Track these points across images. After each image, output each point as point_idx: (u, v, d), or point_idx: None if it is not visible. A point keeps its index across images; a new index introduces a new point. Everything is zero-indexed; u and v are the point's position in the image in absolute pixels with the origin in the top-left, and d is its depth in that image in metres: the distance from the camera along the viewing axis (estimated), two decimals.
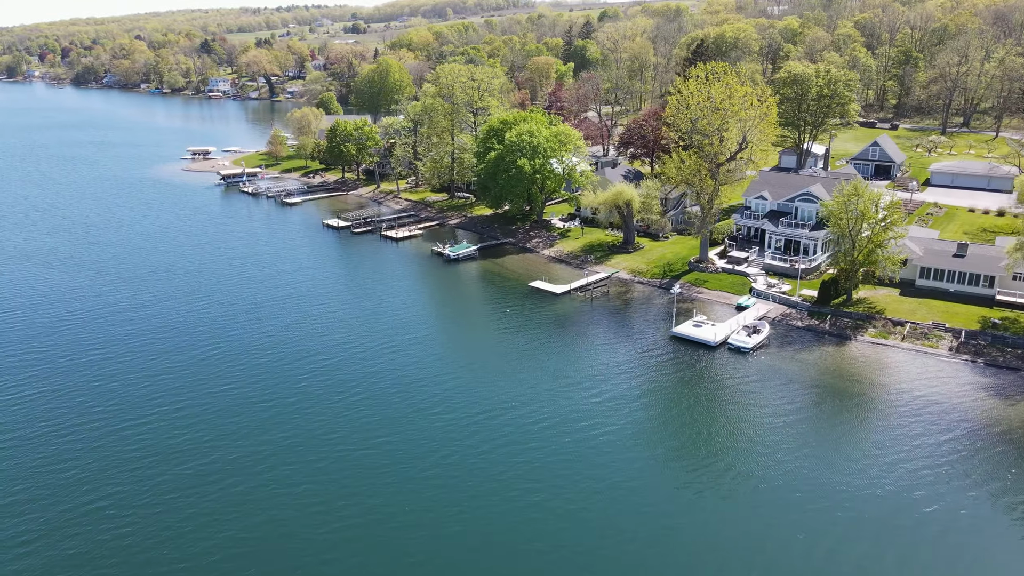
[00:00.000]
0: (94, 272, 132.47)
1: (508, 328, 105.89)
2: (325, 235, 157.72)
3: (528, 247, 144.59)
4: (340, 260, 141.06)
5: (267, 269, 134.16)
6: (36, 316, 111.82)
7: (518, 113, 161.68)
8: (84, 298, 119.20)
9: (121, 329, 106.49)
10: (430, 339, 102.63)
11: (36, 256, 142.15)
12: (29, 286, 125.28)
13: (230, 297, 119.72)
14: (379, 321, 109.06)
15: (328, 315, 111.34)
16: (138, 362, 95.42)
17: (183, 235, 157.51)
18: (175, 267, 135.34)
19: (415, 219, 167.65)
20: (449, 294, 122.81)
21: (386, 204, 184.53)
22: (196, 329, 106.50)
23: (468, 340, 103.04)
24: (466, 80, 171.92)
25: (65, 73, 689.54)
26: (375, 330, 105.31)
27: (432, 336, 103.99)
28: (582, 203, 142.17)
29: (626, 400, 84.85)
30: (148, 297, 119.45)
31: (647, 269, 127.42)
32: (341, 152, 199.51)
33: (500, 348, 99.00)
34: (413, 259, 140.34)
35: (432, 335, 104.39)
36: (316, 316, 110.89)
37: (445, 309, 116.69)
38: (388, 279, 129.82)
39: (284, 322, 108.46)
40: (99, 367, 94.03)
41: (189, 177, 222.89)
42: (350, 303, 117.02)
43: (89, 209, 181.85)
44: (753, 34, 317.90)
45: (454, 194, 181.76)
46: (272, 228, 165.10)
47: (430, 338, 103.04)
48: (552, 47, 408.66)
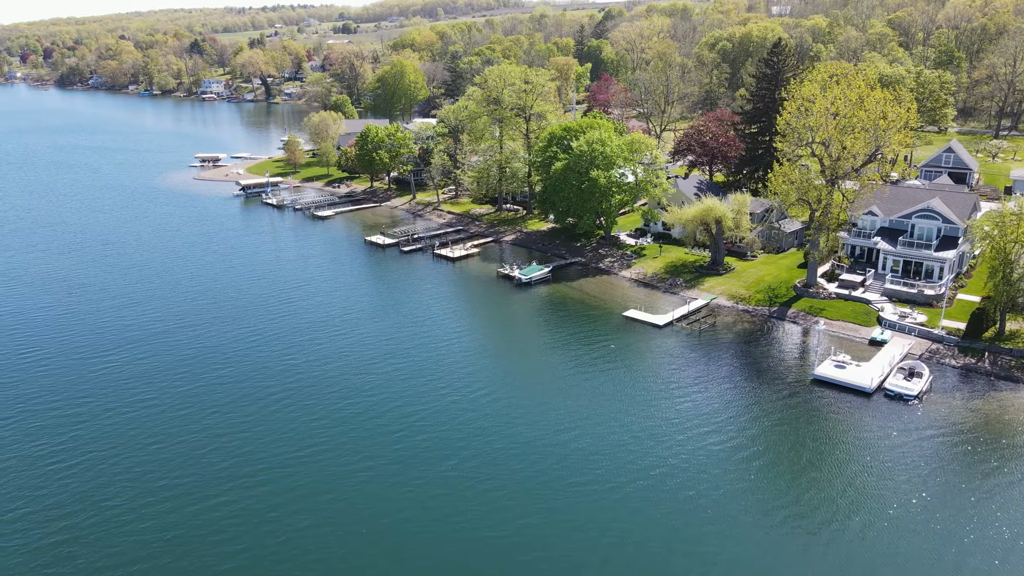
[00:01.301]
0: (122, 300, 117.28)
1: (611, 367, 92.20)
2: (369, 254, 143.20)
3: (603, 268, 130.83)
4: (395, 283, 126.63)
5: (314, 293, 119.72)
6: (64, 351, 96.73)
7: (583, 119, 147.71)
8: (117, 333, 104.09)
9: (165, 365, 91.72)
10: (518, 381, 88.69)
11: (53, 282, 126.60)
12: (52, 319, 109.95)
13: (278, 326, 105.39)
14: (453, 355, 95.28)
15: (391, 349, 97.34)
16: (192, 403, 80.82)
17: (212, 254, 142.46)
18: (213, 293, 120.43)
19: (466, 235, 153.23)
20: (531, 325, 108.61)
21: (426, 217, 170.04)
22: (249, 363, 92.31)
23: (567, 383, 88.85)
24: (519, 83, 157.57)
25: (48, 74, 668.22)
26: (449, 367, 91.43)
27: (520, 377, 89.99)
28: (668, 219, 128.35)
29: (776, 463, 71.29)
30: (188, 329, 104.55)
31: (748, 294, 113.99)
32: (373, 160, 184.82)
33: (607, 392, 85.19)
34: (477, 283, 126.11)
35: (520, 376, 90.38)
36: (377, 350, 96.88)
37: (529, 343, 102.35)
38: (456, 307, 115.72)
39: (343, 356, 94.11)
40: (148, 413, 79.34)
41: (203, 187, 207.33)
42: (415, 334, 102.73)
43: (102, 224, 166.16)
44: (781, 33, 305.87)
45: (502, 206, 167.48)
46: (308, 246, 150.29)
47: (518, 380, 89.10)
48: (562, 47, 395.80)
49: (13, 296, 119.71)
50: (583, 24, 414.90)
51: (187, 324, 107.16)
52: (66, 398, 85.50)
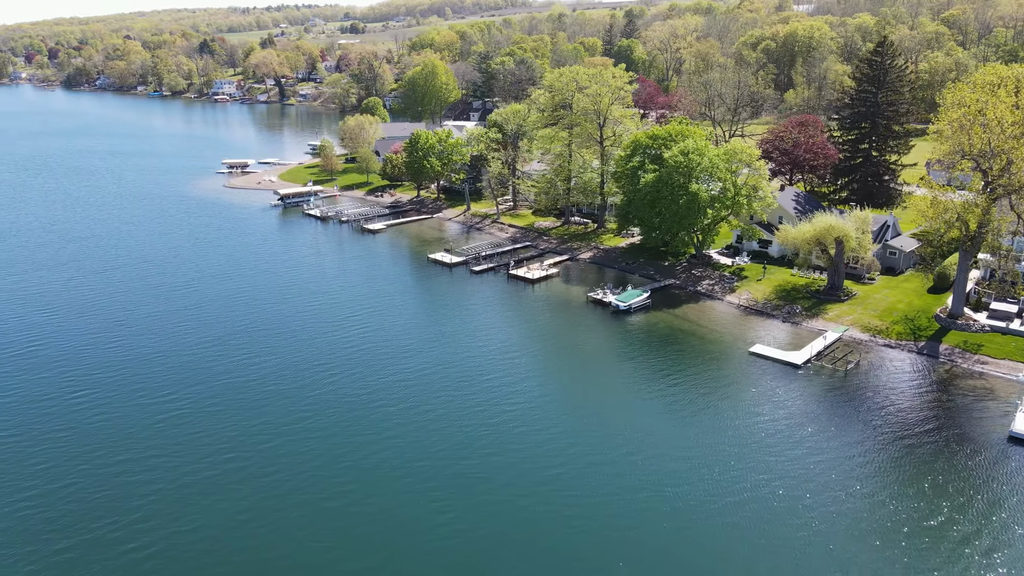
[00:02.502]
0: (175, 329, 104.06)
1: (757, 422, 79.18)
2: (436, 274, 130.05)
3: (702, 291, 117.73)
4: (473, 310, 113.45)
5: (386, 321, 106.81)
6: (122, 389, 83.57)
7: (672, 126, 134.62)
8: (177, 369, 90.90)
9: (241, 408, 78.62)
10: (643, 440, 75.58)
11: (96, 308, 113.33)
12: (100, 350, 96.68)
13: (353, 360, 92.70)
14: (555, 402, 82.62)
15: (485, 393, 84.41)
16: (276, 461, 67.78)
17: (262, 273, 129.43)
18: (274, 320, 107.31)
19: (536, 252, 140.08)
20: (641, 364, 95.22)
21: (486, 231, 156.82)
22: (337, 405, 79.23)
23: (709, 446, 75.80)
24: (593, 86, 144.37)
25: (54, 75, 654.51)
26: (555, 416, 78.41)
27: (644, 434, 76.90)
28: (780, 239, 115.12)
29: (997, 546, 58.37)
30: (260, 366, 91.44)
31: (884, 325, 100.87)
32: (423, 168, 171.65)
33: (763, 458, 72.07)
34: (566, 310, 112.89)
35: (644, 433, 77.27)
36: (470, 391, 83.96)
37: (645, 388, 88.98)
38: (548, 340, 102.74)
39: (433, 396, 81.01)
40: (228, 469, 66.24)
41: (236, 196, 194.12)
42: (508, 375, 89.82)
43: (135, 238, 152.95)
44: (829, 32, 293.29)
45: (569, 219, 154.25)
46: (367, 264, 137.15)
47: (642, 439, 75.99)
48: (589, 47, 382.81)
49: (53, 323, 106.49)
50: (611, 24, 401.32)
51: (256, 358, 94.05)
52: (133, 451, 72.38)
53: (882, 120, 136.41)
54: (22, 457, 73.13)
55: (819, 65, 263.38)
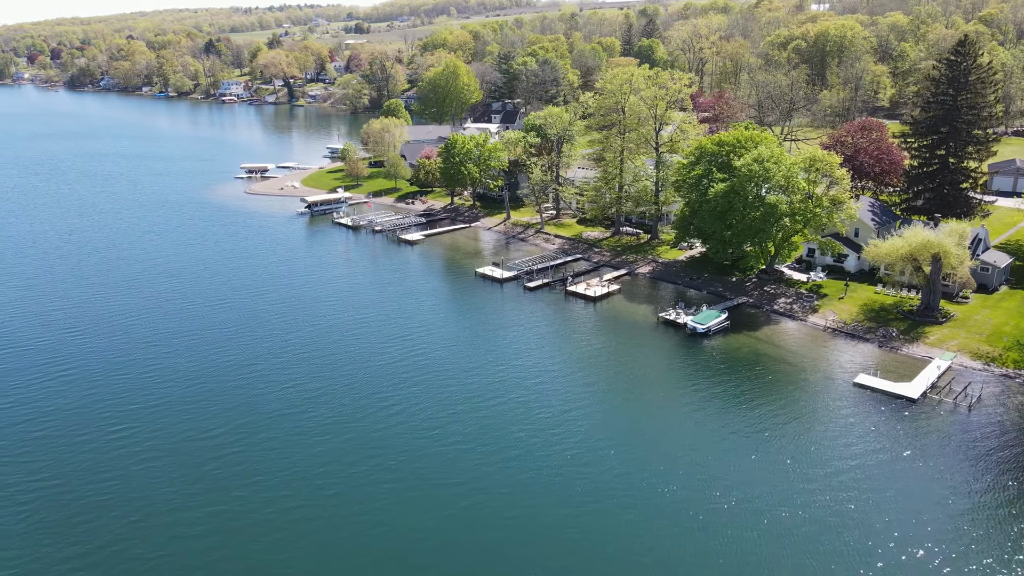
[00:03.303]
0: (217, 352, 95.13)
1: (885, 466, 70.30)
2: (486, 290, 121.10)
3: (781, 311, 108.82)
4: (536, 332, 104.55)
5: (440, 343, 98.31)
6: (166, 428, 74.77)
7: (740, 131, 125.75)
8: (223, 400, 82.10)
9: (301, 443, 69.85)
10: (754, 481, 66.66)
11: (126, 328, 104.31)
12: (138, 382, 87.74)
13: (410, 386, 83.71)
14: (652, 442, 73.61)
15: (562, 422, 75.49)
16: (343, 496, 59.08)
17: (299, 287, 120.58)
18: (321, 340, 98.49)
19: (591, 266, 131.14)
20: (731, 396, 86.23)
21: (531, 242, 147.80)
22: (398, 437, 70.09)
23: (835, 491, 67.11)
24: (650, 89, 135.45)
25: (58, 75, 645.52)
26: (653, 457, 69.38)
27: (754, 476, 67.98)
28: (869, 255, 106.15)
29: None
30: (314, 392, 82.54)
31: (996, 352, 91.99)
32: (461, 174, 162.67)
33: (900, 518, 63.14)
34: (636, 332, 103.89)
35: (752, 472, 68.38)
36: (550, 424, 75.07)
37: (742, 424, 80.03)
38: (624, 366, 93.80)
39: (505, 431, 72.14)
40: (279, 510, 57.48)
41: (259, 203, 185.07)
42: (585, 407, 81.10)
43: (158, 249, 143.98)
44: (861, 32, 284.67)
45: (619, 230, 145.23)
46: (410, 279, 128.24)
47: (753, 480, 67.06)
48: (607, 47, 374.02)
49: (81, 345, 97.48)
50: (629, 23, 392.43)
51: (308, 384, 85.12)
52: (186, 506, 63.45)
53: (962, 124, 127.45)
54: (65, 503, 64.23)
55: (855, 65, 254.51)
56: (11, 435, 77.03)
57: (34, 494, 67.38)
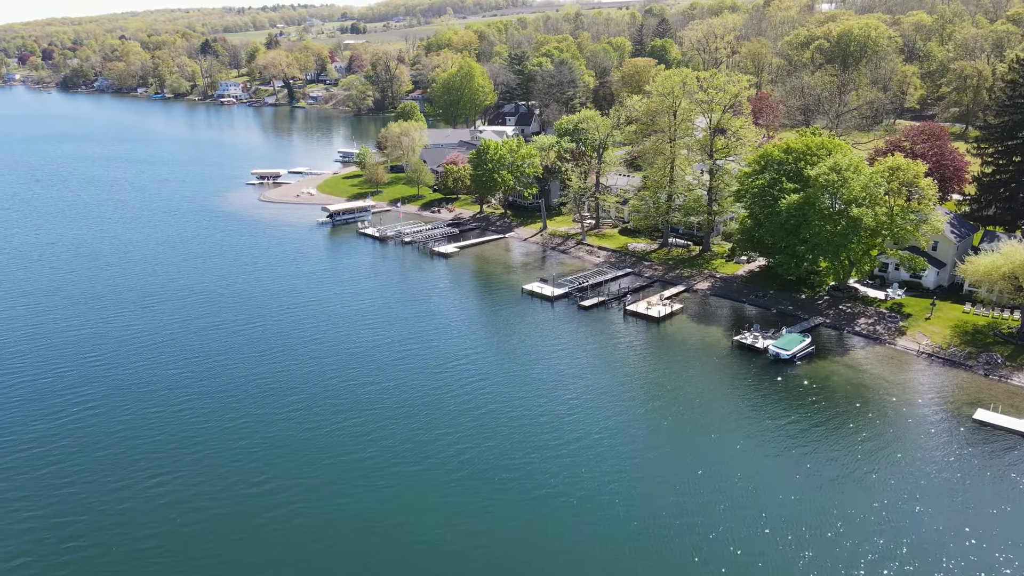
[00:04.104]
0: (256, 385, 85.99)
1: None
2: (535, 309, 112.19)
3: (863, 332, 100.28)
4: (598, 357, 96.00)
5: (494, 372, 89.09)
6: (206, 471, 65.63)
7: (810, 138, 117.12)
8: (270, 442, 73.03)
9: (359, 486, 60.86)
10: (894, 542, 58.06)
11: (150, 355, 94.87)
12: (173, 417, 78.52)
13: (471, 418, 74.90)
14: (748, 488, 64.64)
15: (639, 464, 67.04)
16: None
17: (332, 306, 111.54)
18: (368, 367, 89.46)
19: (644, 281, 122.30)
20: (838, 434, 77.67)
21: (573, 255, 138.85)
22: (461, 483, 61.16)
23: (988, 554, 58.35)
24: (703, 93, 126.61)
25: (50, 76, 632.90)
26: (748, 505, 60.60)
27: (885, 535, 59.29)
28: (967, 274, 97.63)
29: None
30: (368, 424, 73.50)
31: None
32: (494, 182, 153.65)
33: None
34: (711, 358, 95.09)
35: (872, 528, 59.68)
36: (620, 459, 66.51)
37: (855, 467, 71.58)
38: (707, 401, 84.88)
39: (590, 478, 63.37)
40: None
41: (275, 211, 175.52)
42: (664, 447, 72.21)
43: (176, 263, 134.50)
44: (886, 32, 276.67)
45: (667, 242, 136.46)
46: (452, 297, 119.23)
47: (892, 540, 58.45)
48: (617, 47, 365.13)
49: (104, 375, 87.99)
50: (641, 23, 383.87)
51: (362, 416, 76.06)
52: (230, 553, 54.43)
53: None
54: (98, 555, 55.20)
55: (883, 65, 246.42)
56: (36, 484, 67.69)
57: (66, 556, 58.23)
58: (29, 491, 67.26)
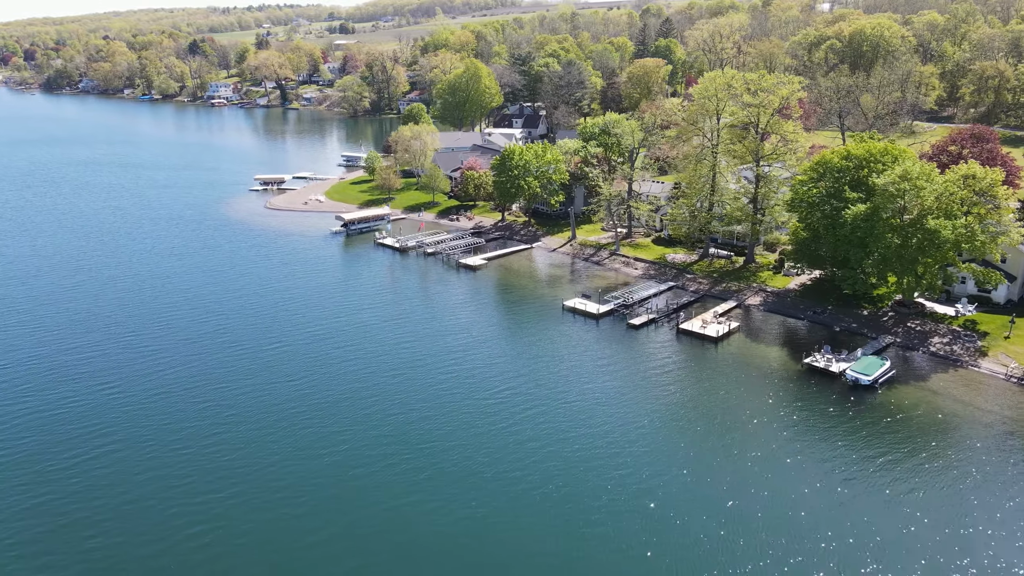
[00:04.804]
0: (291, 417, 77.91)
1: None
2: (580, 328, 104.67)
3: (939, 353, 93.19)
4: (658, 383, 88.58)
5: (549, 397, 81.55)
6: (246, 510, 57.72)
7: (872, 143, 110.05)
8: (323, 494, 64.99)
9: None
10: None
11: (173, 385, 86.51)
12: (209, 464, 70.36)
13: (529, 452, 67.02)
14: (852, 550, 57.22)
15: (719, 511, 59.63)
16: None
17: (364, 326, 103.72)
18: (411, 395, 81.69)
19: (691, 296, 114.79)
20: (950, 478, 70.34)
21: (608, 266, 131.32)
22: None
23: None
24: (752, 95, 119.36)
25: (33, 77, 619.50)
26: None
27: None
28: None
29: None
30: (422, 459, 65.81)
31: None
32: (520, 189, 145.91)
33: None
34: (782, 383, 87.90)
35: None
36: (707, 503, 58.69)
37: (980, 520, 64.41)
38: (787, 435, 77.51)
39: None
40: None
41: (284, 220, 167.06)
42: (762, 493, 64.89)
43: (185, 278, 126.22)
44: (899, 31, 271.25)
45: (707, 252, 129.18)
46: (489, 315, 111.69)
47: None
48: (619, 46, 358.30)
49: (122, 408, 79.60)
50: (645, 23, 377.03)
51: (416, 452, 68.23)
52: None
53: None
54: None
55: (899, 66, 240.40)
56: (54, 539, 59.42)
57: None
58: (48, 548, 58.99)
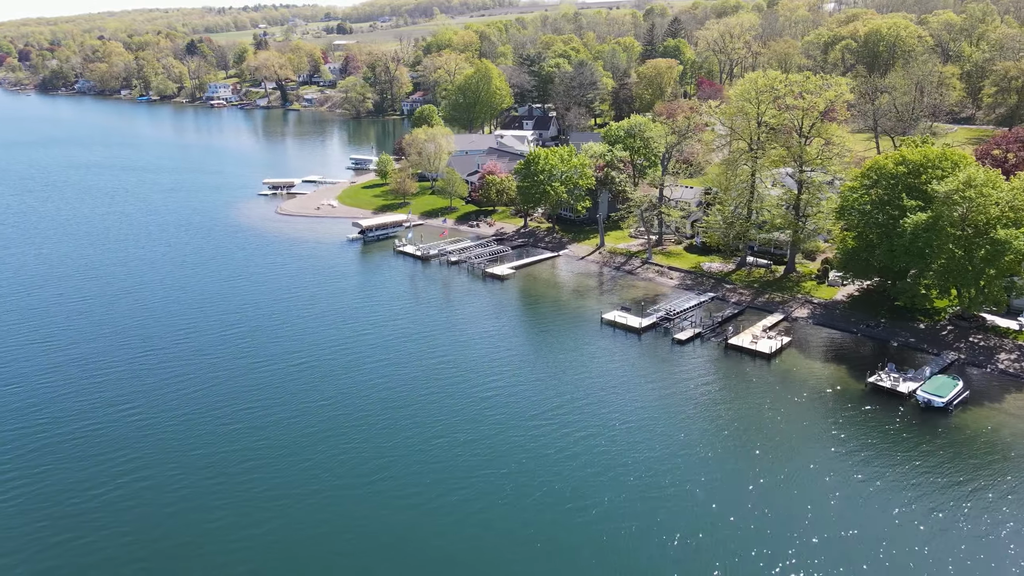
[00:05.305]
0: (327, 447, 72.25)
1: None
2: (622, 343, 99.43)
3: (1009, 371, 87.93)
4: (725, 411, 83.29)
5: (596, 420, 76.09)
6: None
7: (928, 148, 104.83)
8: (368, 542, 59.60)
9: None
10: None
11: (202, 409, 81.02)
12: (246, 497, 64.73)
13: (586, 481, 61.40)
14: None
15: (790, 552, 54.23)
16: None
17: (388, 343, 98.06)
18: (455, 415, 76.41)
19: (734, 308, 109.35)
20: None
21: (641, 276, 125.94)
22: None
23: None
24: (793, 98, 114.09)
25: (28, 78, 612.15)
26: None
27: None
28: None
29: None
30: (487, 515, 60.28)
31: None
32: (546, 194, 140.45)
33: None
34: (844, 405, 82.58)
35: None
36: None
37: None
38: (858, 464, 72.17)
39: None
40: None
41: (296, 226, 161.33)
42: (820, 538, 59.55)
43: (200, 289, 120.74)
44: (916, 31, 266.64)
45: (745, 261, 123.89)
46: (520, 328, 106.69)
47: None
48: (626, 47, 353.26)
49: (152, 437, 73.90)
50: (652, 22, 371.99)
51: (452, 493, 62.73)
52: None
53: None
54: None
55: (922, 66, 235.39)
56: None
57: None
58: None
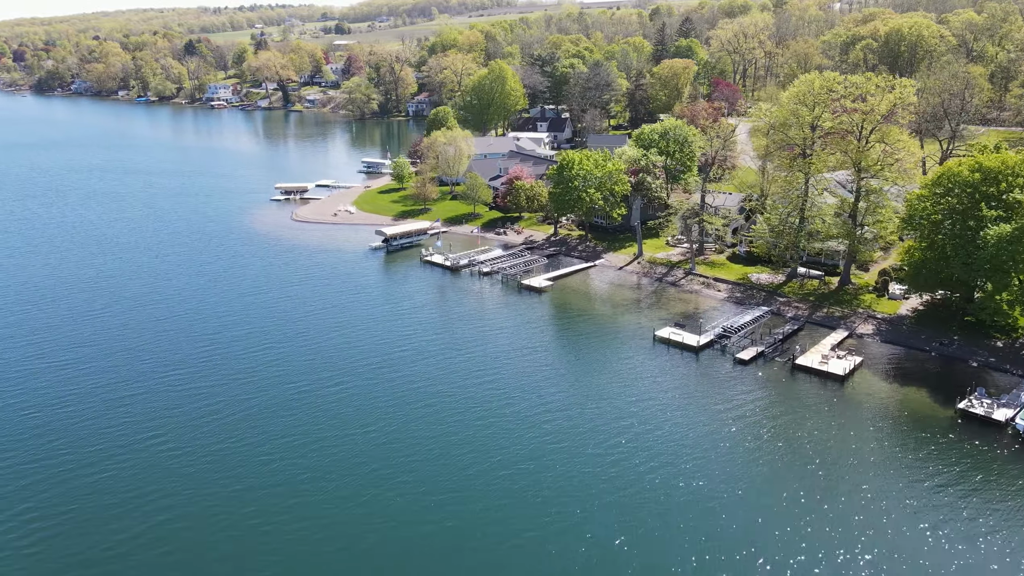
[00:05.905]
0: (371, 479, 65.55)
1: None
2: (676, 362, 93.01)
3: None
4: (795, 438, 76.65)
5: (655, 444, 69.55)
6: None
7: (1005, 153, 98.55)
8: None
9: None
10: None
11: (233, 440, 74.21)
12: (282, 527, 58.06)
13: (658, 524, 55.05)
14: None
15: None
16: None
17: (427, 360, 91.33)
18: (510, 448, 69.46)
19: (795, 325, 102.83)
20: None
21: (687, 288, 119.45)
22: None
23: None
24: (868, 101, 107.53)
25: (23, 78, 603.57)
26: None
27: None
28: None
29: None
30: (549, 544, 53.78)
31: None
32: (579, 201, 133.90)
33: None
34: (931, 434, 76.26)
35: None
36: None
37: None
38: (946, 501, 65.65)
39: None
40: None
41: (314, 234, 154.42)
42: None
43: (221, 302, 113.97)
44: (937, 30, 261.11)
45: (796, 273, 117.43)
46: (567, 347, 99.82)
47: None
48: (636, 47, 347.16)
49: (182, 473, 67.04)
50: (664, 22, 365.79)
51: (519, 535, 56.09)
52: None
53: None
54: None
55: (946, 67, 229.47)
56: None
57: None
58: None
